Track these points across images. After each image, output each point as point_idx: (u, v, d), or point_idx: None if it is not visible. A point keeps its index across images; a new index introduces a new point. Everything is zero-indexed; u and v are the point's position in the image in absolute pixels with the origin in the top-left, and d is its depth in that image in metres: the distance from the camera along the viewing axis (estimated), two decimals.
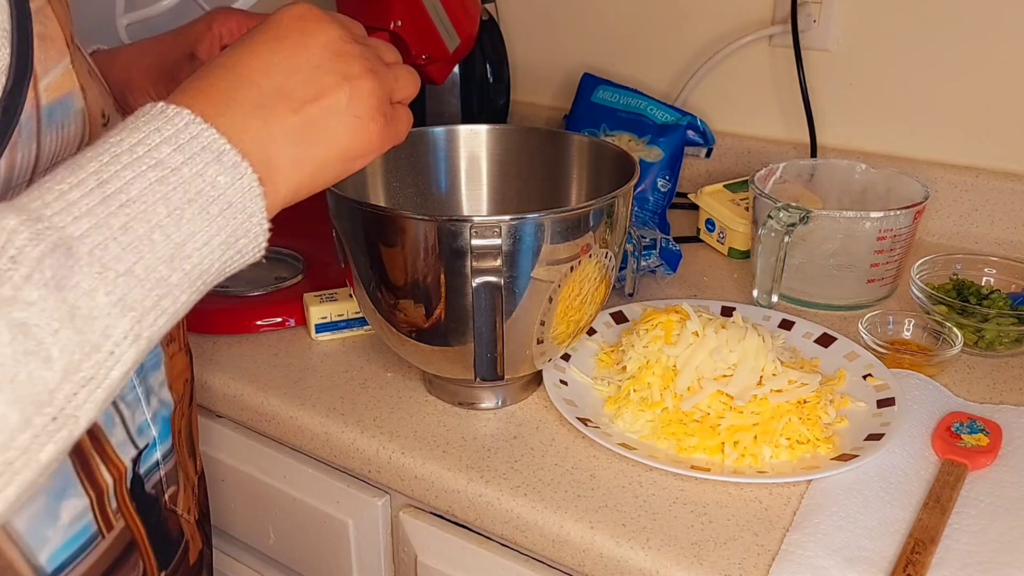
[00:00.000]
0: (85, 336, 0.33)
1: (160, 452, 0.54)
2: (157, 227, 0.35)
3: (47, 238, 0.33)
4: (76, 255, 0.33)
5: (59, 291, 0.32)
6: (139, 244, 0.35)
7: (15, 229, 0.32)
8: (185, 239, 0.36)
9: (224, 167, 0.38)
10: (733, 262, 1.04)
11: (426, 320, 0.69)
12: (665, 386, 0.72)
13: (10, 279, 0.31)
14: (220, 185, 0.38)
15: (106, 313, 0.34)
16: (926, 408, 0.75)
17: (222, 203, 0.38)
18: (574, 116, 1.20)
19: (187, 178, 0.37)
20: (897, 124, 1.11)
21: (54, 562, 0.46)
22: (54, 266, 0.32)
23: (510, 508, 0.66)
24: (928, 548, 0.59)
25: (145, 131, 0.37)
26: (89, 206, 0.34)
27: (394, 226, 0.66)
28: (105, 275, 0.34)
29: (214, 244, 0.38)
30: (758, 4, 1.16)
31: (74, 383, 0.33)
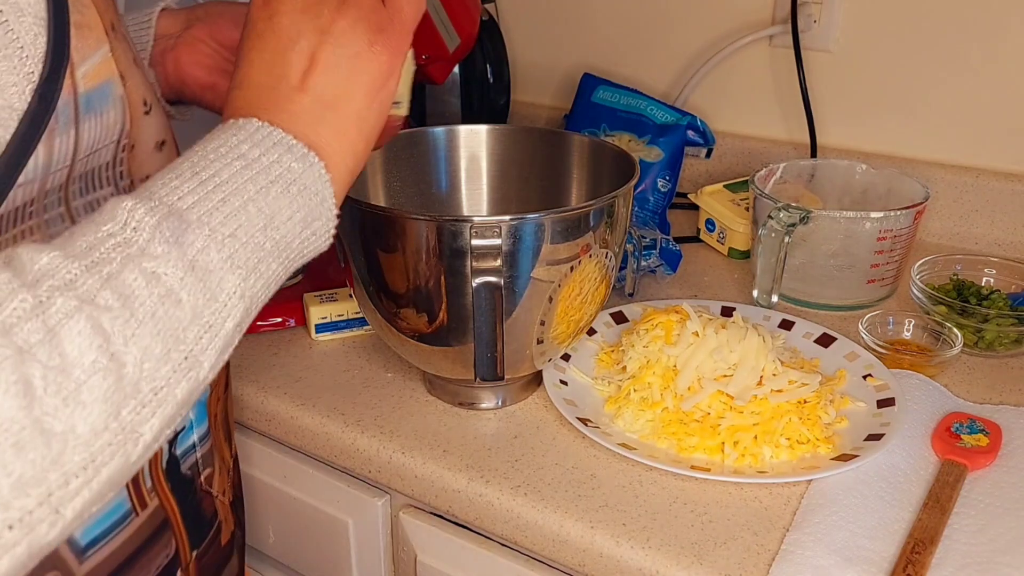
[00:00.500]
0: (206, 285, 0.37)
1: (196, 435, 0.56)
2: (250, 201, 0.40)
3: (160, 210, 0.37)
4: (187, 220, 0.38)
5: (179, 247, 0.37)
6: (237, 213, 0.40)
7: (132, 207, 0.37)
8: (273, 212, 0.41)
9: (296, 156, 0.43)
10: (733, 262, 1.04)
11: (426, 320, 0.69)
12: (665, 386, 0.72)
13: (136, 242, 0.36)
14: (295, 170, 0.42)
15: (219, 267, 0.38)
16: (926, 408, 0.75)
17: (299, 185, 0.42)
18: (574, 116, 1.20)
19: (267, 165, 0.42)
20: (897, 124, 1.11)
21: (88, 536, 0.47)
22: (171, 228, 0.37)
23: (510, 508, 0.66)
24: (928, 548, 0.60)
25: (223, 137, 0.42)
26: (191, 187, 0.39)
27: (394, 226, 0.66)
28: (214, 236, 0.38)
29: (296, 219, 0.42)
30: (758, 4, 1.16)
31: (199, 326, 0.37)
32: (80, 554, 0.47)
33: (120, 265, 0.35)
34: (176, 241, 0.37)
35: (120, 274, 0.35)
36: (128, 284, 0.35)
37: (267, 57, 0.45)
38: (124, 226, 0.36)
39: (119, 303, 0.34)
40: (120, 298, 0.35)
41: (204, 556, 0.57)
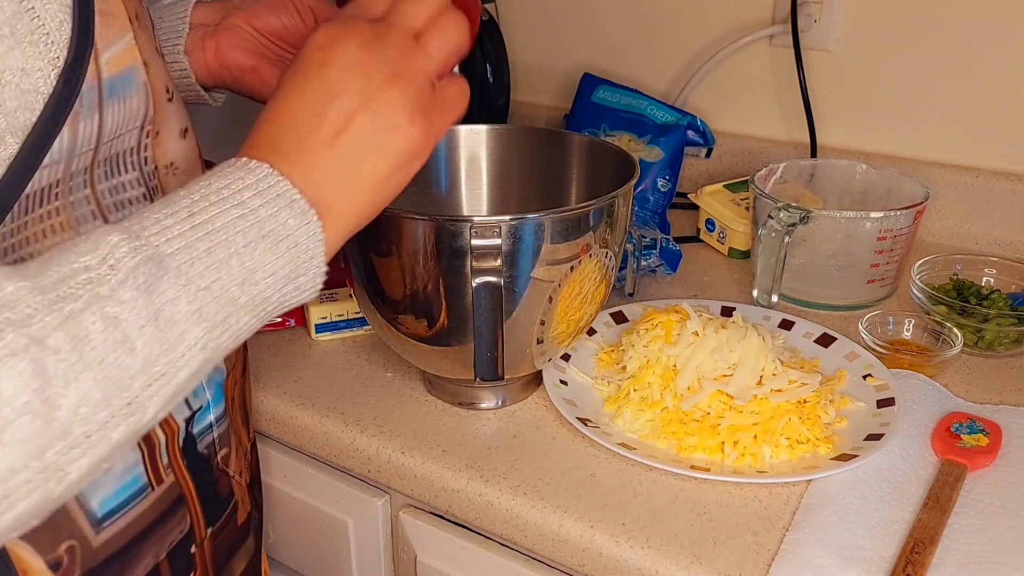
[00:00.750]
0: (165, 336, 0.38)
1: (214, 415, 0.57)
2: (235, 254, 0.41)
3: (143, 252, 0.38)
4: (166, 267, 0.38)
5: (148, 295, 0.37)
6: (219, 266, 0.40)
7: (116, 243, 0.38)
8: (256, 267, 0.42)
9: (294, 212, 0.43)
10: (733, 262, 1.04)
11: (426, 320, 0.69)
12: (665, 386, 0.72)
13: (108, 281, 0.37)
14: (290, 227, 0.43)
15: (184, 319, 0.39)
16: (926, 408, 0.75)
17: (289, 242, 0.43)
18: (574, 116, 1.20)
19: (263, 218, 0.42)
20: (897, 124, 1.11)
21: (105, 507, 0.48)
22: (146, 274, 0.38)
23: (510, 507, 0.66)
24: (928, 548, 0.60)
25: (231, 178, 0.43)
26: (181, 231, 0.40)
27: (394, 226, 0.66)
28: (188, 287, 0.39)
29: (278, 276, 0.43)
30: (758, 4, 1.16)
31: (149, 375, 0.38)
32: (96, 525, 0.48)
33: (84, 304, 0.36)
34: (147, 289, 0.37)
35: (81, 315, 0.35)
36: (85, 327, 0.35)
37: (307, 103, 0.46)
38: (102, 261, 0.37)
39: (70, 346, 0.35)
40: (72, 340, 0.35)
41: (219, 534, 0.58)
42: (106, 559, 0.49)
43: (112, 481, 0.49)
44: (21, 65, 0.39)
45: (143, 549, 0.51)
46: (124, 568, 0.50)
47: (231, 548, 0.60)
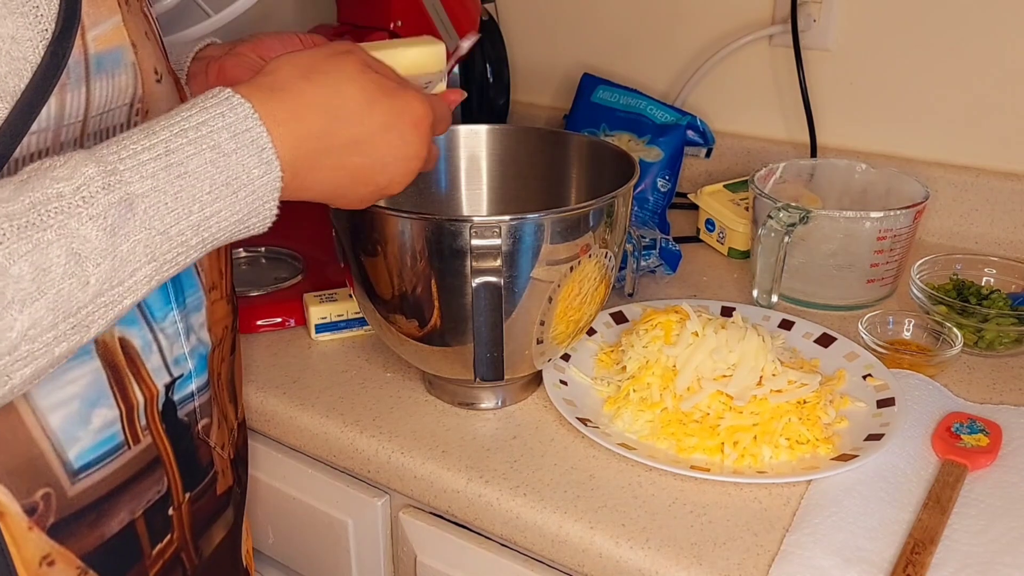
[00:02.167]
0: (117, 273, 0.41)
1: (195, 385, 0.59)
2: (197, 200, 0.44)
3: (116, 190, 0.41)
4: (135, 210, 0.41)
5: (112, 236, 0.40)
6: (180, 211, 0.43)
7: (92, 176, 0.40)
8: (212, 214, 0.44)
9: (260, 161, 0.46)
10: (733, 262, 1.04)
11: (426, 320, 0.69)
12: (665, 386, 0.72)
13: (78, 215, 0.39)
14: (253, 175, 0.46)
15: (138, 259, 0.42)
16: (926, 408, 0.74)
17: (248, 189, 0.46)
18: (574, 116, 1.20)
19: (232, 164, 0.45)
20: (897, 124, 1.11)
21: (81, 460, 0.51)
22: (115, 216, 0.41)
23: (509, 508, 0.66)
24: (928, 548, 0.59)
25: (212, 113, 0.45)
26: (154, 170, 0.42)
27: (394, 226, 0.66)
28: (150, 231, 0.42)
29: (231, 220, 0.46)
30: (758, 4, 1.16)
31: (96, 304, 0.41)
32: (72, 475, 0.50)
33: (54, 236, 0.39)
34: (112, 231, 0.40)
35: (48, 247, 0.39)
36: (49, 259, 0.39)
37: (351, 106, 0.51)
38: (76, 191, 0.40)
39: (30, 276, 0.38)
40: (34, 271, 0.38)
41: (197, 501, 0.60)
42: (81, 509, 0.51)
43: (90, 436, 0.51)
44: (12, 34, 0.42)
45: (118, 504, 0.53)
46: (99, 519, 0.52)
47: (209, 517, 0.62)
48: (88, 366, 0.50)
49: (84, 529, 0.51)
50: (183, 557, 0.60)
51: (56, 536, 0.50)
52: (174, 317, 0.56)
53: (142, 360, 0.54)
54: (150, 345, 0.54)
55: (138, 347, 0.53)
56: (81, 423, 0.50)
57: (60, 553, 0.50)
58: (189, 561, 0.60)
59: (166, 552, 0.58)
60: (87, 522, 0.52)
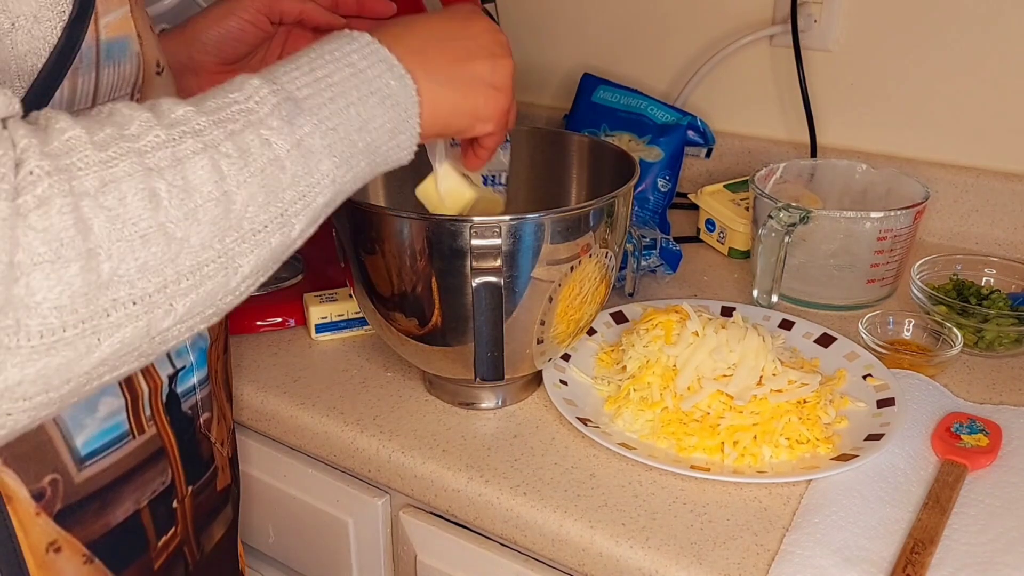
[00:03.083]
0: (306, 161, 0.44)
1: (197, 378, 0.60)
2: (351, 104, 0.47)
3: (280, 93, 0.45)
4: (301, 107, 0.45)
5: (291, 125, 0.44)
6: (340, 112, 0.47)
7: (258, 86, 0.44)
8: (368, 118, 0.48)
9: (395, 75, 0.50)
10: (733, 262, 1.04)
11: (426, 320, 0.69)
12: (665, 386, 0.72)
13: (257, 112, 0.43)
14: (392, 87, 0.50)
15: (319, 151, 0.45)
16: (926, 408, 0.75)
17: (392, 100, 0.50)
18: (574, 116, 1.20)
19: (370, 77, 0.49)
20: (897, 124, 1.11)
21: (88, 447, 0.52)
22: (287, 109, 0.44)
23: (510, 507, 0.66)
24: (928, 548, 0.60)
25: (338, 43, 0.49)
26: (307, 81, 0.46)
27: (394, 226, 0.66)
28: (320, 126, 0.45)
29: (385, 128, 0.49)
30: (758, 4, 1.16)
31: (295, 193, 0.44)
32: (79, 463, 0.51)
33: (242, 126, 0.42)
34: (289, 121, 0.44)
35: (241, 133, 0.42)
36: (246, 142, 0.42)
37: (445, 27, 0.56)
38: (248, 98, 0.43)
39: (237, 154, 0.41)
40: (239, 151, 0.41)
41: (200, 494, 0.61)
42: (87, 496, 0.52)
43: (96, 424, 0.52)
44: (34, 12, 0.44)
45: (123, 493, 0.54)
46: (104, 507, 0.53)
47: (211, 512, 0.63)
48: None
49: (90, 516, 0.52)
50: (186, 551, 0.60)
51: (63, 523, 0.51)
52: None
53: None
54: None
55: None
56: (88, 411, 0.51)
57: (66, 540, 0.51)
58: (191, 555, 0.61)
59: (170, 545, 0.58)
60: (93, 509, 0.53)
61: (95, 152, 0.37)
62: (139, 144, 0.39)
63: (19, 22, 0.44)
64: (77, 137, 0.37)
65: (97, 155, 0.37)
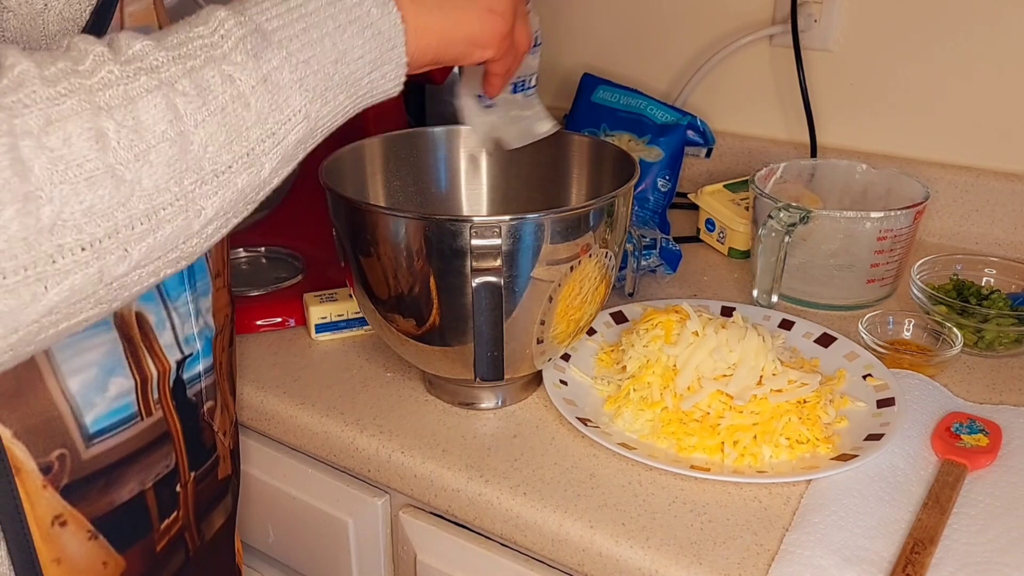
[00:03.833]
0: (273, 97, 0.42)
1: (202, 366, 0.61)
2: (327, 35, 0.45)
3: (248, 25, 0.42)
4: (269, 40, 0.43)
5: (256, 60, 0.42)
6: (314, 44, 0.44)
7: (224, 18, 0.42)
8: (346, 49, 0.46)
9: (377, 3, 0.48)
10: (733, 262, 1.04)
11: (426, 320, 0.69)
12: (665, 386, 0.72)
13: (221, 47, 0.41)
14: (373, 15, 0.47)
15: (288, 86, 0.43)
16: (926, 408, 0.75)
17: (373, 29, 0.47)
18: (574, 116, 1.20)
19: (349, 5, 0.46)
20: (897, 124, 1.11)
21: (97, 426, 0.53)
22: (253, 43, 0.42)
23: (510, 507, 0.66)
24: (927, 548, 0.60)
25: None
26: (279, 11, 0.44)
27: (393, 226, 0.66)
28: (290, 59, 0.43)
29: (366, 59, 0.47)
30: (758, 4, 1.16)
31: (262, 131, 0.42)
32: (88, 440, 0.52)
33: (203, 62, 0.40)
34: (255, 55, 0.42)
35: (201, 69, 0.40)
36: (206, 79, 0.40)
37: None
38: (213, 32, 0.41)
39: (195, 92, 0.40)
40: (197, 88, 0.40)
41: (202, 481, 0.62)
42: (93, 473, 0.53)
43: (106, 403, 0.53)
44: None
45: (128, 473, 0.55)
46: (109, 485, 0.54)
47: (212, 500, 0.64)
48: (106, 336, 0.52)
49: (95, 493, 0.53)
50: (186, 537, 0.61)
51: (69, 497, 0.52)
52: (186, 298, 0.58)
53: (155, 335, 0.56)
54: (164, 322, 0.57)
55: (152, 323, 0.55)
56: (99, 390, 0.52)
57: (72, 514, 0.52)
58: (192, 541, 0.62)
59: (172, 529, 0.59)
60: (99, 487, 0.53)
61: (43, 88, 0.36)
62: (90, 81, 0.37)
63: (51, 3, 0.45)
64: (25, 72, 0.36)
65: (44, 91, 0.36)
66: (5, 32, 0.45)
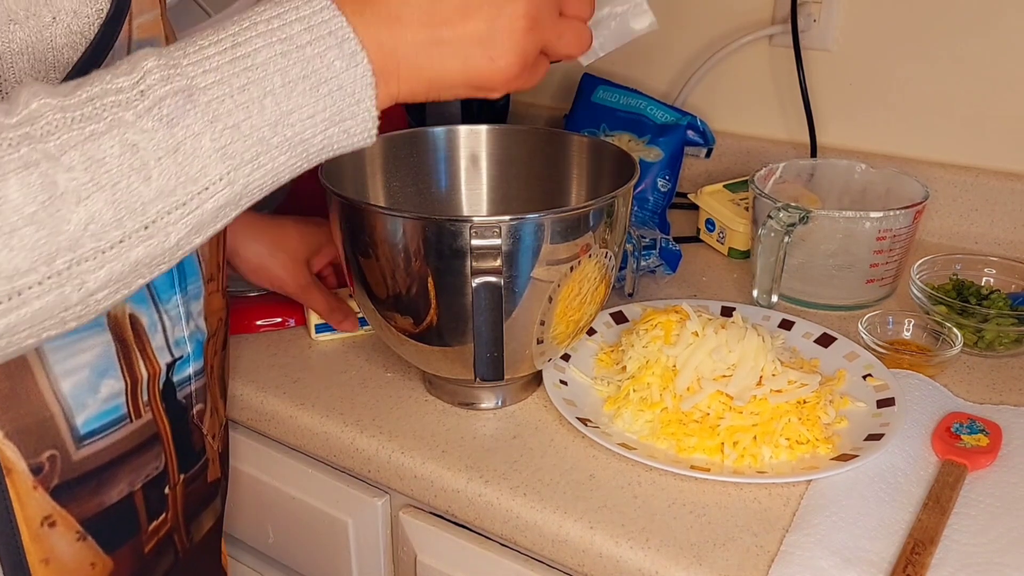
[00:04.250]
0: (183, 169, 0.39)
1: (192, 369, 0.61)
2: (270, 94, 0.41)
3: (175, 81, 0.39)
4: (195, 102, 0.39)
5: (170, 128, 0.39)
6: (251, 105, 0.41)
7: (150, 69, 0.39)
8: (292, 109, 0.42)
9: (343, 53, 0.42)
10: (733, 262, 1.04)
11: (426, 320, 0.69)
12: (665, 386, 0.72)
13: (134, 107, 0.38)
14: (335, 68, 0.42)
15: (207, 156, 0.40)
16: (926, 408, 0.75)
17: (333, 84, 0.42)
18: (574, 116, 1.20)
19: (308, 56, 0.42)
20: (897, 124, 1.11)
21: (87, 427, 0.53)
22: (172, 107, 0.39)
23: (509, 508, 0.66)
24: (928, 548, 0.60)
25: (286, 7, 0.42)
26: (219, 63, 0.40)
27: (394, 226, 0.66)
28: (215, 125, 0.40)
29: (318, 119, 0.43)
30: (758, 4, 1.16)
31: (168, 204, 0.39)
32: (78, 441, 0.53)
33: (106, 127, 0.38)
34: (170, 122, 0.39)
35: (100, 137, 0.37)
36: (103, 149, 0.37)
37: None
38: (134, 86, 0.39)
39: (83, 166, 0.37)
40: (87, 161, 0.37)
41: (191, 483, 0.62)
42: (83, 474, 0.53)
43: (97, 404, 0.53)
44: (74, 8, 0.45)
45: (118, 474, 0.55)
46: (99, 487, 0.54)
47: (201, 502, 0.64)
48: (100, 337, 0.52)
49: (85, 494, 0.54)
50: (175, 539, 0.61)
51: (58, 498, 0.52)
52: (177, 301, 0.58)
53: (148, 337, 0.56)
54: (156, 324, 0.57)
55: (145, 325, 0.56)
56: (90, 391, 0.53)
57: (61, 515, 0.53)
58: (180, 543, 0.62)
59: (160, 530, 0.60)
60: (88, 488, 0.54)
61: None
62: None
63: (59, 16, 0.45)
64: None
65: None
66: (12, 44, 0.45)
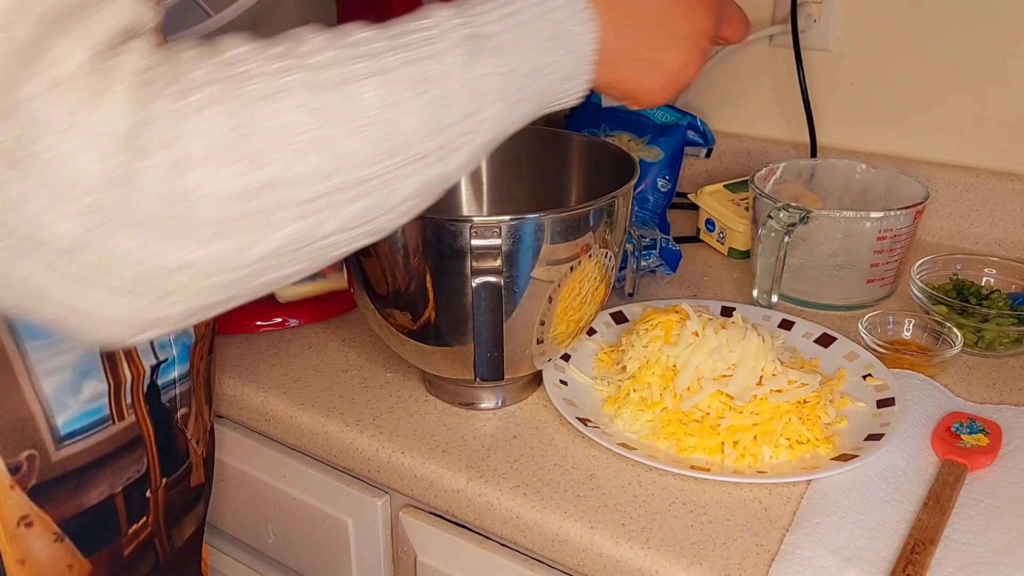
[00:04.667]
0: (476, 101, 0.44)
1: (177, 372, 0.61)
2: (536, 47, 0.47)
3: (471, 27, 0.45)
4: (485, 47, 0.45)
5: (471, 64, 0.44)
6: (522, 54, 0.46)
7: (449, 15, 0.45)
8: (547, 62, 0.48)
9: (581, 20, 0.49)
10: (733, 262, 1.04)
11: (426, 320, 0.69)
12: (665, 386, 0.72)
13: (438, 44, 0.43)
14: (573, 33, 0.49)
15: (490, 92, 0.45)
16: (926, 408, 0.75)
17: (571, 46, 0.49)
18: (574, 116, 1.20)
19: (559, 20, 0.48)
20: (897, 124, 1.11)
21: (68, 428, 0.53)
22: (471, 46, 0.44)
23: (510, 508, 0.66)
24: (928, 548, 0.60)
25: None
26: (498, 16, 0.46)
27: None
28: (500, 68, 0.45)
29: (558, 75, 0.49)
30: (758, 4, 1.16)
31: (462, 128, 0.44)
32: (58, 441, 0.53)
33: (421, 56, 0.43)
34: (472, 58, 0.44)
35: (418, 62, 0.42)
36: (421, 72, 0.42)
37: (664, 10, 0.54)
38: (437, 26, 0.44)
39: (410, 82, 0.42)
40: (411, 80, 0.42)
41: (173, 488, 0.62)
42: (62, 475, 0.53)
43: (79, 405, 0.54)
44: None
45: (98, 476, 0.55)
46: (78, 488, 0.54)
47: (183, 507, 0.64)
48: None
49: (64, 496, 0.54)
50: (156, 543, 0.61)
51: (36, 499, 0.52)
52: None
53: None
54: None
55: None
56: (72, 392, 0.53)
57: (38, 516, 0.53)
58: (161, 547, 0.62)
59: (141, 534, 0.59)
60: (67, 489, 0.54)
61: (265, 64, 0.39)
62: (310, 61, 0.40)
63: None
64: (249, 50, 0.39)
65: (266, 67, 0.39)
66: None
